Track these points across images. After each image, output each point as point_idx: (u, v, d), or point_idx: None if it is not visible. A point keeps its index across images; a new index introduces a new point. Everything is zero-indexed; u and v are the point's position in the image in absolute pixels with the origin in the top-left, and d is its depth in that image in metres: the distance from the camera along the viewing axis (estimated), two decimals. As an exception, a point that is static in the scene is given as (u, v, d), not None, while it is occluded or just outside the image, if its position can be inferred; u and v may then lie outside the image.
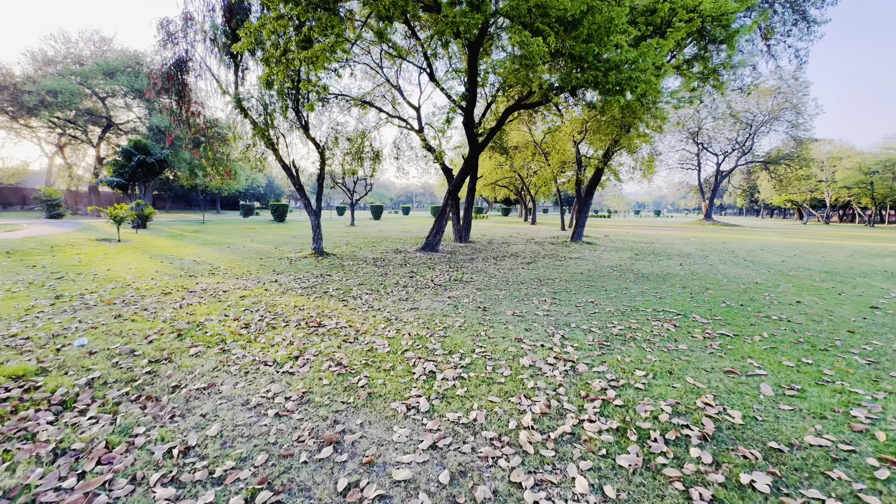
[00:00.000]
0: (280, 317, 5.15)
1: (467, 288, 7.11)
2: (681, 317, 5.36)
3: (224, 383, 3.24)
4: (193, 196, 62.95)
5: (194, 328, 4.62)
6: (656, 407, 2.91)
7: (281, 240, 15.58)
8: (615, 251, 13.29)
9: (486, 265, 9.85)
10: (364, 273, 8.46)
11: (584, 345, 4.23)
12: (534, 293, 6.73)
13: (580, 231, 15.70)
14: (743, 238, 20.92)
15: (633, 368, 3.61)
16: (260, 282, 7.34)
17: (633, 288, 7.23)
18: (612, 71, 6.15)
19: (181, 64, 11.09)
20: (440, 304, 5.90)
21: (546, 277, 8.22)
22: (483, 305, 5.86)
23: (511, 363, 3.72)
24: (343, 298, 6.20)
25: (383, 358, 3.83)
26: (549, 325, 4.91)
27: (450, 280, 7.82)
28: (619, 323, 5.04)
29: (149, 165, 18.37)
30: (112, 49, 32.97)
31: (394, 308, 5.68)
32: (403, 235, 19.04)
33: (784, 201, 47.76)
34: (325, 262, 9.93)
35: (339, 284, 7.25)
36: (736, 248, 14.77)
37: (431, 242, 12.04)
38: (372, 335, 4.50)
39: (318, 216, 10.98)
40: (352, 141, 15.16)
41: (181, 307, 5.50)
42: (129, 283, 6.91)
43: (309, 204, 10.94)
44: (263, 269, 8.66)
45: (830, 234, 25.78)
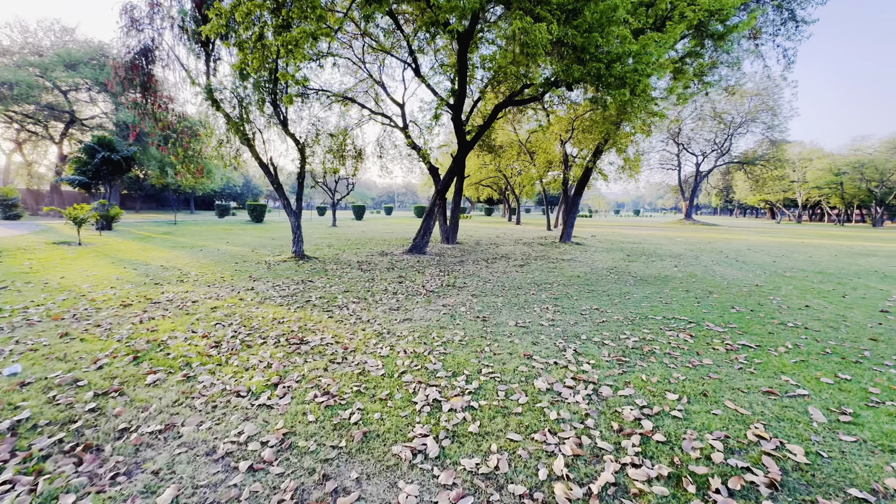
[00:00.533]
0: (256, 332, 4.56)
1: (462, 294, 6.63)
2: (694, 325, 5.01)
3: (186, 423, 2.66)
4: (166, 196, 60.48)
5: (154, 348, 3.99)
6: (704, 443, 2.49)
7: (258, 242, 14.77)
8: (606, 252, 13.05)
9: (477, 268, 9.39)
10: (349, 278, 7.88)
11: (600, 361, 3.81)
12: (534, 300, 6.30)
13: (569, 232, 15.45)
14: (726, 238, 21.13)
15: (662, 390, 3.20)
16: (234, 290, 6.68)
17: (635, 292, 6.89)
18: (615, 63, 5.79)
19: (147, 53, 10.24)
20: (435, 314, 5.40)
21: (543, 281, 7.81)
22: (482, 315, 5.39)
23: (525, 387, 3.26)
24: (328, 308, 5.63)
25: (378, 383, 3.31)
26: (558, 338, 4.47)
27: (442, 285, 7.33)
28: (632, 333, 4.65)
29: (114, 163, 17.19)
30: (75, 40, 31.07)
31: (385, 319, 5.15)
32: (388, 236, 18.43)
33: (759, 201, 49.13)
34: (306, 266, 9.29)
35: (323, 292, 6.66)
36: (723, 248, 14.77)
37: (419, 244, 11.51)
38: (362, 353, 3.97)
39: (298, 217, 10.31)
40: (334, 137, 14.48)
41: (141, 322, 4.84)
42: (83, 294, 6.16)
43: (288, 204, 10.26)
44: (238, 275, 7.98)
45: (807, 234, 26.43)
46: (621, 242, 16.89)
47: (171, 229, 20.35)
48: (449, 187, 11.53)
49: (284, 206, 10.28)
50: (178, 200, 60.76)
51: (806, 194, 46.31)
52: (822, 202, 47.65)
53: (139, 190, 53.39)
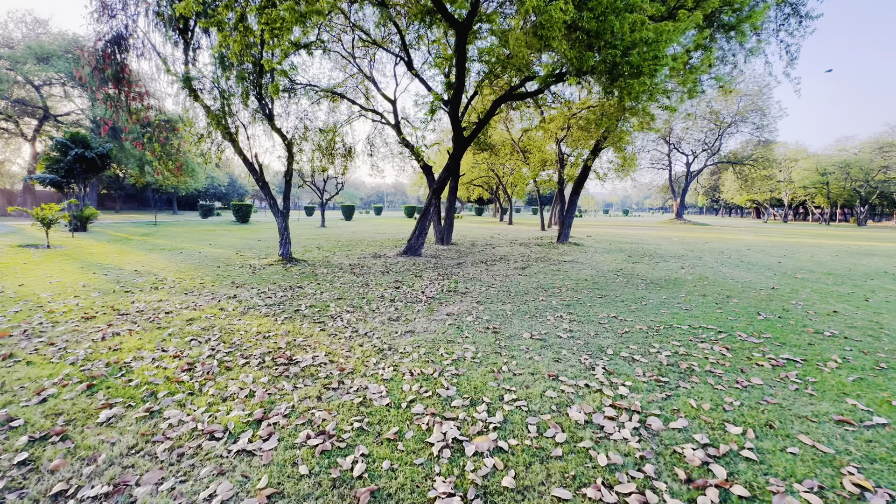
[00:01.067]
0: (238, 349, 3.96)
1: (466, 301, 6.11)
2: (725, 335, 4.57)
3: (141, 481, 2.08)
4: (147, 196, 58.73)
5: (115, 373, 3.38)
6: (799, 499, 2.00)
7: (243, 244, 14.04)
8: (606, 253, 12.67)
9: (477, 271, 8.88)
10: (342, 284, 7.29)
11: (636, 382, 3.32)
12: (545, 307, 5.81)
13: (566, 232, 15.05)
14: (721, 237, 21.01)
15: (719, 421, 2.72)
16: (214, 298, 6.05)
17: (650, 297, 6.45)
18: (631, 50, 5.34)
19: (119, 41, 9.48)
20: (440, 325, 4.87)
21: (549, 286, 7.33)
22: (492, 326, 4.87)
23: (559, 418, 2.75)
24: (319, 319, 5.05)
25: (383, 416, 2.77)
26: (581, 353, 3.98)
27: (443, 291, 6.79)
28: (661, 346, 4.18)
29: (88, 161, 16.23)
30: (48, 32, 29.67)
31: (384, 332, 4.59)
32: (379, 237, 17.82)
33: (746, 201, 49.71)
34: (294, 270, 8.66)
35: (314, 300, 6.06)
36: (723, 249, 14.52)
37: (414, 246, 10.96)
38: (361, 376, 3.42)
39: (285, 217, 9.67)
40: (324, 133, 13.83)
41: (104, 339, 4.20)
42: (41, 304, 5.46)
43: (275, 204, 9.61)
44: (220, 281, 7.33)
45: (798, 233, 26.56)
46: (619, 243, 16.57)
47: (150, 230, 19.41)
48: (445, 186, 11.01)
49: (271, 205, 9.63)
50: (159, 200, 59.06)
51: (791, 194, 46.96)
52: (807, 202, 48.40)
53: (119, 189, 51.66)
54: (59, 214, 11.81)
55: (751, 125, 35.20)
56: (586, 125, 13.32)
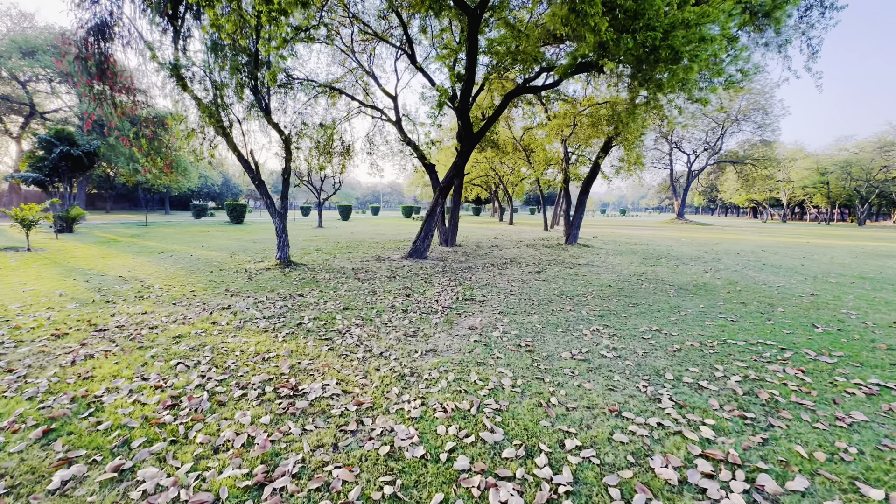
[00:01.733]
0: (233, 377, 3.35)
1: (486, 311, 5.52)
2: (791, 354, 4.01)
3: None
4: (139, 196, 57.60)
5: (82, 411, 2.76)
6: None
7: (238, 245, 13.36)
8: (619, 255, 12.13)
9: (490, 276, 8.29)
10: (346, 291, 6.67)
11: (718, 419, 2.75)
12: (575, 318, 5.23)
13: (575, 233, 14.49)
14: (730, 238, 20.59)
15: (846, 478, 2.15)
16: (206, 309, 5.41)
17: (687, 306, 5.90)
18: (674, 32, 4.79)
19: (104, 29, 8.81)
20: (464, 342, 4.27)
21: (572, 292, 6.76)
22: (523, 342, 4.29)
23: (644, 476, 2.17)
24: (326, 336, 4.44)
25: (419, 475, 2.17)
26: (637, 378, 3.41)
27: (459, 299, 6.20)
28: (726, 369, 3.62)
29: (74, 158, 15.46)
30: (34, 26, 28.70)
31: (402, 351, 3.99)
32: (380, 238, 17.19)
33: (745, 200, 49.56)
34: (293, 275, 8.03)
35: (317, 311, 5.45)
36: (737, 250, 14.04)
37: (419, 248, 10.35)
38: (384, 413, 2.82)
39: (283, 218, 9.03)
40: (325, 128, 13.19)
41: (74, 363, 3.57)
42: (7, 318, 4.81)
43: (272, 204, 8.97)
44: (213, 289, 6.68)
45: (803, 233, 26.24)
46: (627, 244, 16.06)
47: (140, 231, 18.64)
48: (452, 185, 10.42)
49: (267, 205, 8.98)
50: (151, 200, 58.00)
51: (790, 193, 46.83)
52: (805, 202, 48.33)
53: (110, 189, 50.61)
54: (41, 215, 11.09)
55: (752, 124, 34.93)
56: (596, 121, 12.78)
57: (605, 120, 12.94)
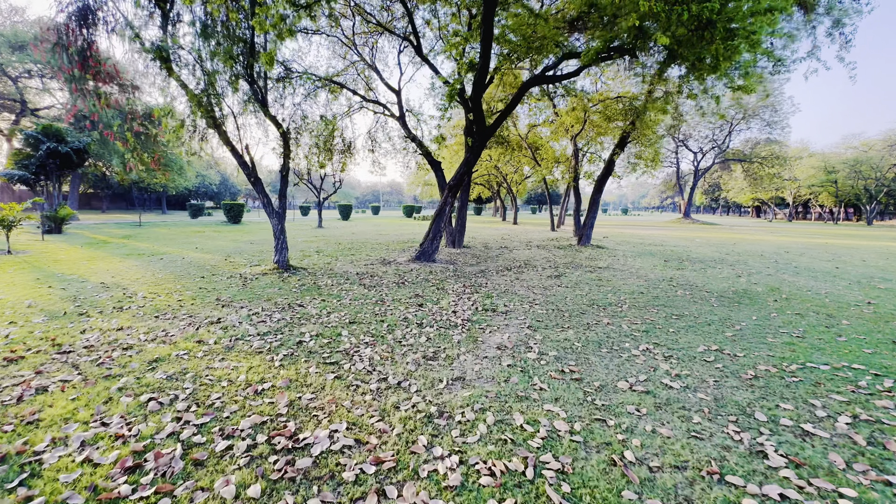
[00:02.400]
0: (217, 419, 2.67)
1: (513, 325, 4.84)
2: (893, 383, 3.34)
3: None
4: (135, 195, 56.78)
5: (11, 477, 2.07)
6: None
7: (233, 247, 12.66)
8: (638, 257, 11.45)
9: (507, 281, 7.61)
10: (351, 300, 5.99)
11: (858, 489, 2.07)
12: (616, 333, 4.56)
13: (589, 233, 13.81)
14: (745, 238, 19.94)
15: None
16: (192, 323, 4.72)
17: (736, 318, 5.23)
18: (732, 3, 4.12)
19: (86, 13, 8.11)
20: (496, 368, 3.59)
21: (603, 301, 6.08)
22: (566, 366, 3.61)
23: None
24: (331, 358, 3.75)
25: None
26: (721, 419, 2.73)
27: (478, 310, 5.52)
28: (822, 404, 2.94)
29: (62, 156, 14.74)
30: (25, 21, 27.92)
31: (424, 380, 3.31)
32: (383, 239, 16.49)
33: (750, 199, 48.92)
34: (292, 281, 7.34)
35: (320, 325, 4.76)
36: (758, 251, 13.38)
37: (427, 251, 9.67)
38: (412, 478, 2.14)
39: (281, 219, 8.33)
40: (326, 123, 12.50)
41: (21, 399, 2.88)
42: (-42, 337, 4.12)
43: (269, 203, 8.28)
44: (203, 298, 5.99)
45: (816, 233, 25.61)
46: (642, 244, 15.38)
47: (133, 232, 17.92)
48: (462, 182, 9.73)
49: (264, 205, 8.29)
50: (148, 200, 57.24)
51: (795, 192, 46.21)
52: (811, 200, 47.70)
53: (106, 189, 49.86)
54: (23, 215, 10.38)
55: (761, 121, 34.25)
56: (612, 116, 12.11)
57: (621, 114, 12.27)
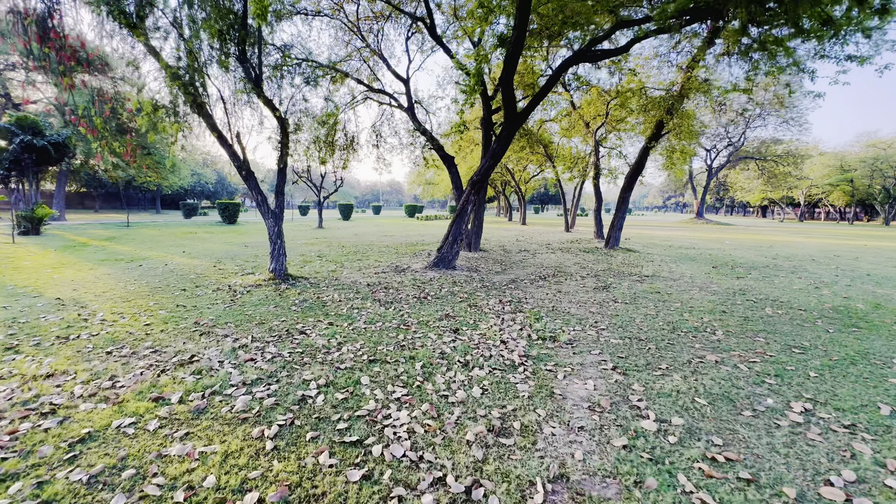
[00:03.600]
0: None
1: (589, 363, 3.59)
2: None
3: None
4: (131, 194, 55.33)
5: None
6: None
7: (225, 251, 11.37)
8: (679, 262, 10.21)
9: (547, 294, 6.36)
10: (367, 323, 4.72)
11: None
12: (741, 380, 3.30)
13: (618, 235, 12.56)
14: (777, 240, 18.73)
15: None
16: (156, 363, 3.45)
17: (879, 351, 3.98)
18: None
19: (48, -23, 6.84)
20: (608, 455, 2.34)
21: (683, 324, 4.83)
22: (715, 450, 2.35)
23: None
24: (350, 436, 2.49)
25: None
26: None
27: (532, 339, 4.26)
28: None
29: (38, 150, 13.43)
30: (10, 11, 26.49)
31: (506, 485, 2.05)
32: (389, 241, 15.22)
33: (760, 199, 47.73)
34: (291, 295, 6.07)
35: (329, 365, 3.49)
36: (808, 256, 12.15)
37: (446, 256, 8.42)
38: None
39: (278, 220, 7.06)
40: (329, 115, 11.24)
41: None
42: None
43: (264, 201, 7.01)
44: (177, 321, 4.72)
45: (843, 234, 24.43)
46: (671, 247, 14.15)
47: (118, 233, 16.61)
48: (488, 177, 8.48)
49: (258, 203, 7.02)
50: (143, 199, 55.84)
51: (808, 191, 45.07)
52: (823, 200, 46.56)
53: (99, 188, 48.40)
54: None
55: (777, 118, 33.01)
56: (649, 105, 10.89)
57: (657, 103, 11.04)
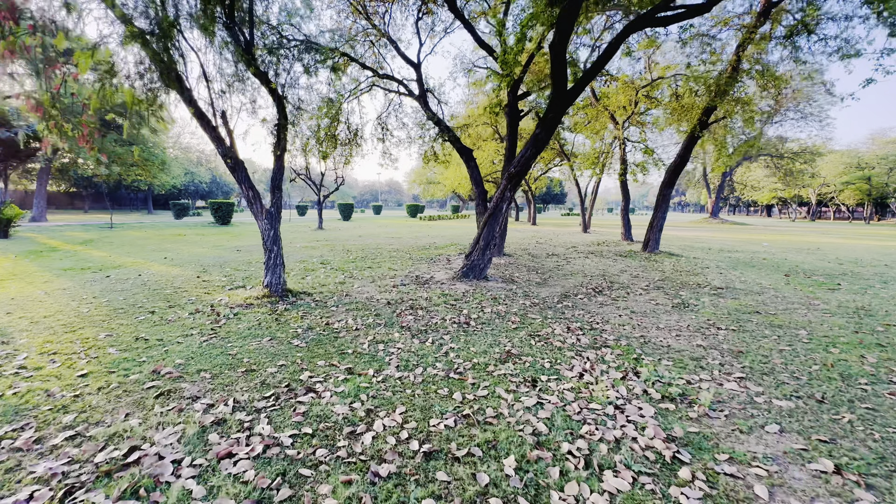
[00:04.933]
0: None
1: (780, 456, 2.19)
2: None
3: None
4: (123, 194, 53.65)
5: None
6: None
7: (214, 257, 9.93)
8: (738, 268, 8.83)
9: (613, 313, 4.96)
10: (399, 367, 3.31)
11: None
12: None
13: (658, 237, 11.18)
14: (814, 241, 17.43)
15: None
16: (65, 471, 2.03)
17: None
18: None
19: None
20: None
21: (847, 369, 3.45)
22: None
23: None
24: None
25: None
26: None
27: (659, 399, 2.86)
28: None
29: (3, 142, 11.94)
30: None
31: None
32: (398, 244, 13.80)
33: (770, 198, 46.51)
34: (291, 320, 4.65)
35: (357, 471, 2.08)
36: (873, 260, 10.81)
37: (477, 264, 7.03)
38: None
39: (273, 221, 5.64)
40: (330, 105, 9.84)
41: None
42: None
43: (256, 197, 5.59)
44: (130, 365, 3.29)
45: (868, 234, 23.19)
46: (711, 250, 12.80)
47: (99, 236, 15.11)
48: (528, 168, 7.09)
49: (249, 201, 5.60)
50: (135, 199, 54.20)
51: (819, 190, 43.93)
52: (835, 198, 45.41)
53: (89, 187, 46.77)
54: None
55: (797, 113, 31.75)
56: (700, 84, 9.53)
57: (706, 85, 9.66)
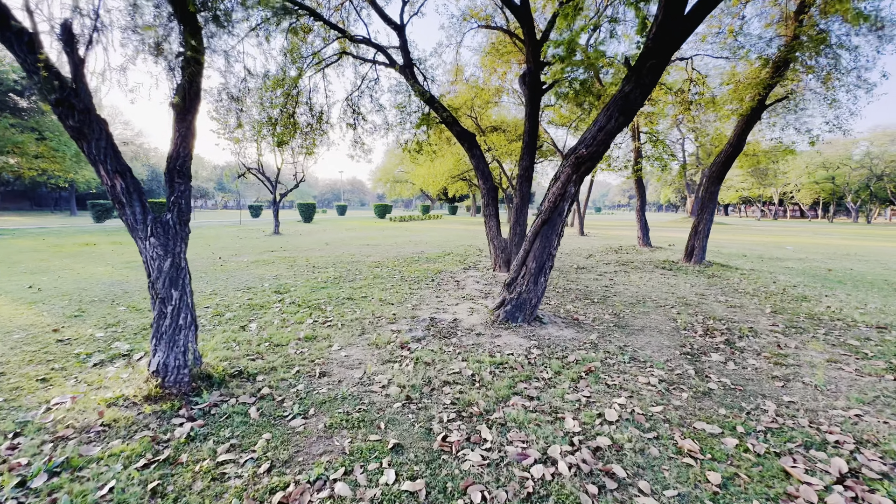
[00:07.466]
0: None
1: None
2: None
3: None
4: (43, 193, 46.97)
5: None
6: None
7: (113, 283, 6.80)
8: (825, 284, 6.86)
9: (782, 392, 2.62)
10: None
11: None
12: None
13: (705, 245, 9.07)
14: (822, 243, 16.30)
15: None
16: None
17: None
18: None
19: None
20: None
21: None
22: None
23: None
24: None
25: None
26: None
27: None
28: None
29: None
30: None
31: None
32: (378, 254, 11.02)
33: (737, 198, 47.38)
34: (199, 474, 1.94)
35: None
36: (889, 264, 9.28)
37: (528, 299, 4.51)
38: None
39: (174, 244, 2.87)
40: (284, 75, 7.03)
41: None
42: None
43: (129, 193, 2.78)
44: None
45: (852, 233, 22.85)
46: (749, 257, 11.01)
47: (-29, 247, 11.26)
48: (609, 145, 4.62)
49: (117, 198, 2.78)
50: (59, 199, 47.63)
51: (782, 189, 45.11)
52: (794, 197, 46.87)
53: (2, 185, 40.30)
54: None
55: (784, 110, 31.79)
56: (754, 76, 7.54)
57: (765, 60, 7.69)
